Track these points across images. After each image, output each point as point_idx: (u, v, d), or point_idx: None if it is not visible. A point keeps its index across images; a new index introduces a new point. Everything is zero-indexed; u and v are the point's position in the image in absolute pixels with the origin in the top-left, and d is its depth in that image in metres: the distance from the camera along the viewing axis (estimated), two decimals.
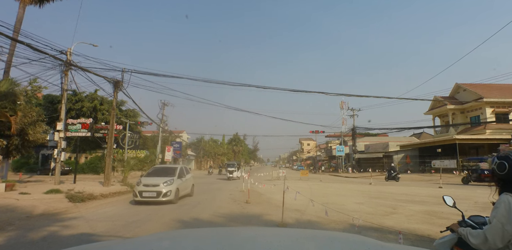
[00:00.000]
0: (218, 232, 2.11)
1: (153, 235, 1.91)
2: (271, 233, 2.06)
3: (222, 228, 4.22)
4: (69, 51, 17.07)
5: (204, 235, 1.91)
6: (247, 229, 2.96)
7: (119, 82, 17.07)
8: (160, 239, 1.73)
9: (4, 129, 14.39)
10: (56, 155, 16.29)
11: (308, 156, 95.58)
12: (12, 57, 17.71)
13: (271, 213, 8.58)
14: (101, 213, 9.24)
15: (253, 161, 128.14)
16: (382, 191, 15.80)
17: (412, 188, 17.94)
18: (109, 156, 17.08)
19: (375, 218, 7.81)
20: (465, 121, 39.71)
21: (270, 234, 2.01)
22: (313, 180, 26.68)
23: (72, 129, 18.02)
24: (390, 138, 49.31)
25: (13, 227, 7.07)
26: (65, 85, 17.01)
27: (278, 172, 27.46)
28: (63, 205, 10.38)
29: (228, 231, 2.33)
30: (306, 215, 8.31)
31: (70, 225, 7.36)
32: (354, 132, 41.55)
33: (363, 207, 9.95)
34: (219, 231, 2.41)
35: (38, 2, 21.16)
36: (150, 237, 1.82)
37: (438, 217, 8.16)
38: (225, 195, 13.58)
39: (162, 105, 43.88)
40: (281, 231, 2.70)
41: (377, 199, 12.40)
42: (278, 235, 1.89)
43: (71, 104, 35.41)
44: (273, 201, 11.54)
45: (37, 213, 8.88)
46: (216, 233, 2.01)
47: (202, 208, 9.93)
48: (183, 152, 53.21)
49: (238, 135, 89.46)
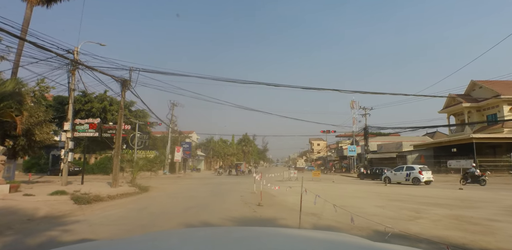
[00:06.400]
0: (210, 232, 2.10)
1: (145, 235, 1.89)
2: (262, 233, 2.04)
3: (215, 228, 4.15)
4: (76, 50, 16.79)
5: (195, 235, 1.90)
6: (239, 229, 2.92)
7: (127, 81, 16.71)
8: (151, 239, 1.69)
9: (10, 129, 14.17)
10: (63, 156, 16.00)
11: (318, 156, 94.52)
12: (19, 57, 17.55)
13: (286, 217, 8.00)
14: (106, 216, 8.80)
15: (262, 161, 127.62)
16: (400, 193, 15.07)
17: (431, 189, 17.13)
18: (116, 156, 16.74)
19: (399, 224, 7.15)
20: (481, 119, 38.39)
21: (260, 233, 2.00)
22: (326, 181, 25.96)
23: (80, 129, 17.74)
24: (402, 138, 48.09)
25: (11, 232, 6.65)
26: (72, 85, 16.73)
27: (290, 173, 26.85)
28: (68, 207, 9.99)
29: (221, 231, 2.32)
30: (324, 220, 7.70)
31: (72, 229, 6.92)
32: (366, 131, 40.56)
33: (383, 211, 9.29)
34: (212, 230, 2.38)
35: (45, 2, 21.01)
36: (141, 237, 1.83)
37: (468, 223, 7.46)
38: (236, 197, 13.04)
39: (171, 105, 43.87)
40: (273, 230, 2.63)
41: (397, 201, 11.71)
42: (269, 235, 1.89)
43: (81, 105, 35.41)
44: (287, 203, 10.96)
45: (39, 216, 8.48)
46: (209, 233, 2.01)
47: (211, 211, 9.40)
48: (192, 152, 53.00)
49: (247, 135, 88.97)
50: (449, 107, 41.41)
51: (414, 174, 22.08)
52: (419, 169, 22.13)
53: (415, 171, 22.09)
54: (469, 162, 32.09)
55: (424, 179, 21.52)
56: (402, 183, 22.85)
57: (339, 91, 15.69)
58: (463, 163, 31.72)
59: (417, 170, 22.05)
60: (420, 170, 22.01)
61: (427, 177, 21.66)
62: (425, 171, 22.03)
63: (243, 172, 43.32)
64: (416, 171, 22.04)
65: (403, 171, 23.34)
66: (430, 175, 22.10)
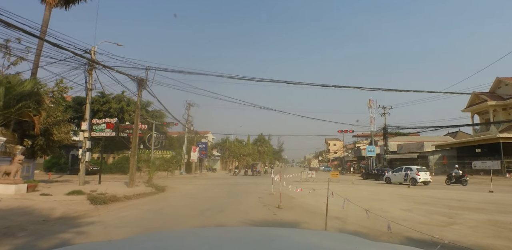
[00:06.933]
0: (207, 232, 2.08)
1: (145, 235, 1.88)
2: (260, 233, 2.00)
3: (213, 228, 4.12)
4: (93, 50, 16.82)
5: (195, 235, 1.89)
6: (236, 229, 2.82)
7: (143, 81, 16.60)
8: (150, 240, 1.68)
9: (29, 129, 14.26)
10: (81, 155, 16.02)
11: (334, 156, 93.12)
12: (39, 57, 17.74)
13: (308, 221, 7.54)
14: (121, 217, 8.57)
15: (277, 162, 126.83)
16: (426, 196, 14.31)
17: (458, 192, 16.24)
18: (133, 156, 16.65)
19: (433, 230, 6.58)
20: (507, 118, 36.64)
21: (258, 233, 1.96)
22: (344, 182, 25.25)
23: (97, 128, 17.77)
24: (423, 137, 46.53)
25: (24, 233, 6.46)
26: (89, 85, 16.77)
27: (307, 173, 26.28)
28: (84, 207, 9.83)
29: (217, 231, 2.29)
30: (349, 224, 7.20)
31: (86, 231, 6.68)
32: (385, 131, 39.46)
33: (412, 215, 8.68)
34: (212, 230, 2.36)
35: (64, 4, 21.24)
36: (139, 237, 1.84)
37: (509, 230, 6.81)
38: (253, 198, 12.64)
39: (188, 105, 43.93)
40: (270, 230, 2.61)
41: (424, 205, 11.03)
42: (267, 235, 1.88)
43: (99, 106, 35.89)
44: (307, 205, 10.47)
45: (54, 217, 8.32)
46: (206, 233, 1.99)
47: (228, 213, 9.02)
48: (208, 152, 52.99)
49: (263, 135, 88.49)
50: (473, 106, 39.80)
51: (411, 174, 22.84)
52: (416, 170, 22.93)
53: (413, 172, 22.90)
54: (496, 163, 30.69)
55: (421, 179, 22.23)
56: (403, 183, 23.52)
57: (360, 88, 15.08)
58: (489, 164, 30.31)
59: (414, 171, 22.82)
60: (417, 170, 22.78)
61: (424, 178, 22.33)
62: (422, 172, 22.85)
63: (259, 172, 42.99)
64: (414, 172, 22.79)
65: (402, 171, 24.17)
66: (427, 175, 22.75)
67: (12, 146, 12.97)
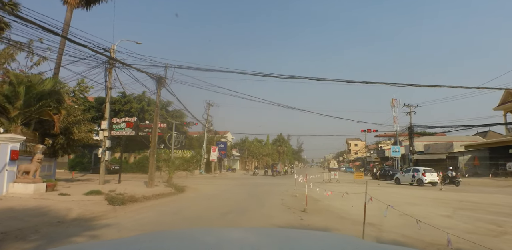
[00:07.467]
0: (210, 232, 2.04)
1: (144, 235, 1.86)
2: (259, 233, 1.96)
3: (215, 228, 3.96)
4: (112, 48, 16.71)
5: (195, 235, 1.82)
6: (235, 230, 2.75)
7: (162, 79, 16.31)
8: (149, 240, 1.62)
9: (50, 128, 14.19)
10: (100, 154, 15.90)
11: (356, 157, 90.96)
12: (61, 56, 17.80)
13: (338, 227, 6.86)
14: (137, 219, 8.16)
15: (297, 162, 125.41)
16: (461, 199, 13.24)
17: (498, 196, 15.02)
18: (152, 155, 16.37)
19: (484, 241, 5.76)
20: None
21: (258, 234, 1.91)
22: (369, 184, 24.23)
23: (117, 128, 17.65)
24: (450, 137, 44.35)
25: (37, 236, 6.11)
26: (109, 84, 16.66)
27: (330, 174, 25.39)
28: (101, 208, 9.52)
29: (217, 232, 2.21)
30: (386, 232, 6.46)
31: (100, 234, 6.28)
32: (411, 131, 37.81)
33: (455, 222, 7.82)
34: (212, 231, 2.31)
35: (85, 5, 21.37)
36: (139, 237, 1.82)
37: None
38: (276, 200, 12.01)
39: (207, 105, 43.80)
40: (269, 231, 2.55)
41: (463, 210, 10.07)
42: (266, 235, 1.84)
43: (121, 106, 36.30)
44: (334, 209, 9.76)
45: (70, 218, 8.01)
46: (208, 233, 1.95)
47: (250, 217, 8.45)
48: (228, 152, 52.75)
49: (282, 135, 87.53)
50: (506, 104, 37.47)
51: (418, 175, 23.53)
52: (422, 171, 23.59)
53: (419, 173, 23.53)
54: None
55: (427, 180, 22.81)
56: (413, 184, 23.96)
57: (389, 84, 14.14)
58: None
59: (421, 172, 23.50)
60: (424, 172, 23.41)
61: (430, 179, 22.86)
62: (429, 173, 23.31)
63: (279, 172, 42.30)
64: (420, 173, 23.45)
65: (410, 173, 24.84)
66: (434, 177, 23.10)
67: (33, 145, 12.90)
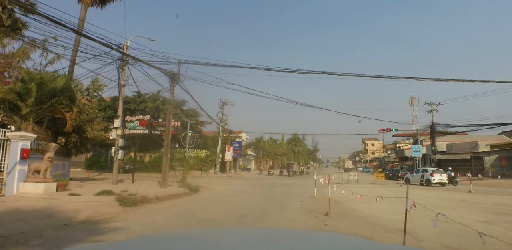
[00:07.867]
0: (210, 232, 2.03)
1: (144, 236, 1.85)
2: (260, 233, 1.92)
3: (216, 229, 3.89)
4: (125, 45, 16.40)
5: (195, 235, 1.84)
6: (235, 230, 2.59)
7: (176, 75, 15.87)
8: (148, 241, 1.61)
9: (63, 126, 13.92)
10: (113, 153, 15.59)
11: (373, 157, 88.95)
12: (76, 53, 17.61)
13: (367, 235, 6.13)
14: (148, 222, 7.65)
15: (312, 162, 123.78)
16: (496, 203, 12.23)
17: None
18: (165, 154, 15.96)
19: None
20: None
21: (259, 234, 1.89)
22: (390, 185, 23.20)
23: (130, 126, 17.30)
24: (474, 137, 42.43)
25: (39, 241, 5.66)
26: (122, 81, 16.35)
27: (349, 175, 24.50)
28: (111, 209, 9.07)
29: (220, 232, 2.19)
30: (425, 242, 5.70)
31: (107, 239, 5.76)
32: (432, 130, 36.35)
33: (497, 229, 6.97)
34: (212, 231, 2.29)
35: (99, 3, 21.26)
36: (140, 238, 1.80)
37: None
38: (295, 202, 11.31)
39: (222, 104, 43.41)
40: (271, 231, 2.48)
41: (502, 215, 9.15)
42: (267, 236, 1.81)
43: (136, 105, 36.30)
44: (359, 213, 9.01)
45: (78, 220, 7.56)
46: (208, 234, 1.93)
47: (270, 221, 7.81)
48: (243, 151, 52.27)
49: (297, 135, 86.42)
50: None
51: (426, 176, 23.54)
52: (431, 171, 23.66)
53: (427, 173, 23.54)
54: None
55: (435, 180, 22.83)
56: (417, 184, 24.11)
57: (415, 79, 13.13)
58: None
59: (429, 173, 23.52)
60: (432, 172, 23.43)
61: (438, 179, 22.90)
62: (437, 174, 23.28)
63: (295, 172, 41.53)
64: (428, 173, 23.46)
65: (419, 173, 24.91)
66: (443, 177, 23.17)
67: (45, 143, 12.65)
